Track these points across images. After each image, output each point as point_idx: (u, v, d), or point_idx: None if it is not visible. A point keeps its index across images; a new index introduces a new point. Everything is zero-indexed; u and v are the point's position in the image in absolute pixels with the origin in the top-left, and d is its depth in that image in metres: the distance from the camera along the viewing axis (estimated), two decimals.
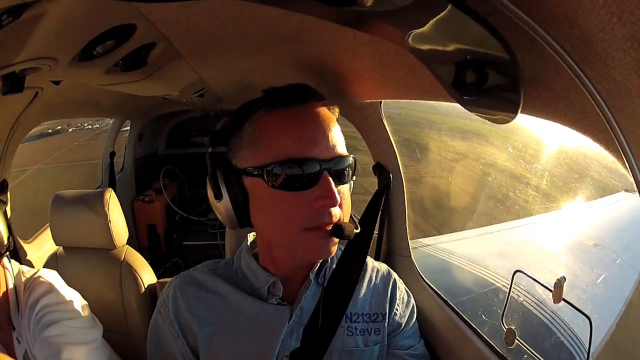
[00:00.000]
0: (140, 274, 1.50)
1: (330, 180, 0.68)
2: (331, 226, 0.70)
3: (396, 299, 0.92)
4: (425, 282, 1.22)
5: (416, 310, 0.96)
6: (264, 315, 0.82)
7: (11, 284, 1.05)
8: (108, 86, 1.20)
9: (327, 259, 0.89)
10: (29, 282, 1.07)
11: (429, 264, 1.84)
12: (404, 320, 0.92)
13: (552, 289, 0.82)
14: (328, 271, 0.90)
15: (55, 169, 8.09)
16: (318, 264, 0.87)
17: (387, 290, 0.93)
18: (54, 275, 1.13)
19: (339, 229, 0.69)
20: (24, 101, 1.29)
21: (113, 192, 1.50)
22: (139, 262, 1.53)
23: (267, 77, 1.46)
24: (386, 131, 1.26)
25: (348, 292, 0.89)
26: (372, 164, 1.33)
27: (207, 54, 1.12)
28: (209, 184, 0.77)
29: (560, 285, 0.80)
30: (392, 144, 1.27)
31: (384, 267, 0.99)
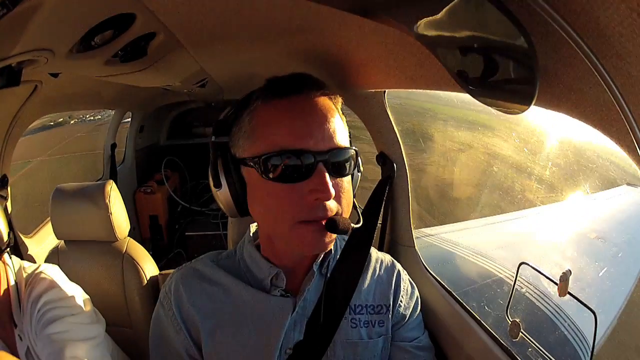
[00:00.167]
0: (142, 266, 1.50)
1: (325, 173, 0.66)
2: (326, 220, 0.68)
3: (400, 290, 0.92)
4: (429, 273, 1.22)
5: (420, 302, 0.96)
6: (266, 308, 0.81)
7: (12, 280, 1.04)
8: (108, 78, 1.19)
9: (329, 250, 0.88)
10: (30, 278, 1.07)
11: (432, 254, 1.84)
12: (408, 312, 0.91)
13: (558, 282, 0.81)
14: (332, 262, 0.89)
15: (59, 160, 8.13)
16: (321, 255, 0.86)
17: (391, 281, 0.92)
18: (55, 270, 1.13)
19: (333, 224, 0.67)
20: (23, 95, 1.28)
21: (114, 184, 1.49)
22: (140, 254, 1.53)
23: (270, 67, 1.44)
24: (390, 121, 1.25)
25: (352, 283, 0.88)
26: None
27: (209, 44, 1.10)
28: (210, 173, 0.76)
29: (566, 278, 0.80)
30: (396, 134, 1.26)
31: (387, 257, 0.98)
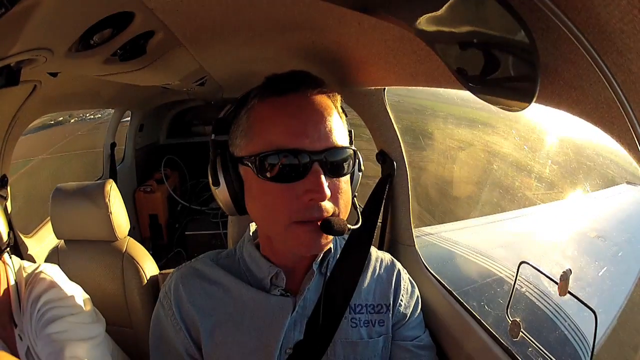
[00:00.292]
0: (142, 265, 1.50)
1: (320, 173, 0.66)
2: (321, 221, 0.67)
3: (400, 289, 0.91)
4: (429, 272, 1.21)
5: (420, 301, 0.96)
6: (266, 307, 0.81)
7: (12, 280, 1.04)
8: (107, 76, 1.19)
9: (329, 249, 0.88)
10: (30, 278, 1.06)
11: (432, 253, 1.84)
12: (408, 311, 0.91)
13: (558, 281, 0.81)
14: (331, 261, 0.89)
15: (60, 158, 8.15)
16: (321, 254, 0.85)
17: (391, 280, 0.91)
18: (55, 270, 1.12)
19: (328, 225, 0.67)
20: (22, 95, 1.27)
21: (114, 184, 1.49)
22: (140, 254, 1.52)
23: (269, 65, 1.44)
24: (390, 119, 1.24)
25: (351, 282, 0.88)
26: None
27: (208, 42, 1.10)
28: (209, 171, 0.76)
29: (566, 277, 0.80)
30: (395, 132, 1.26)
31: (387, 256, 0.97)
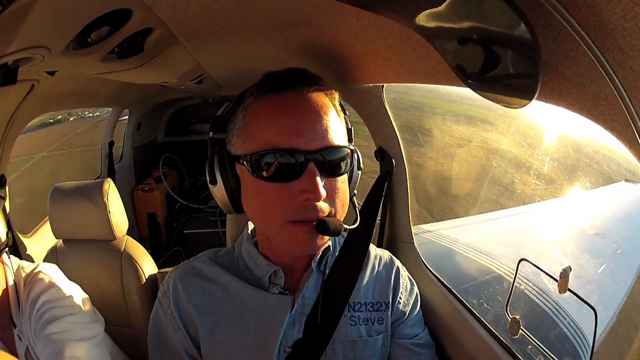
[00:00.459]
0: (141, 264, 1.49)
1: (315, 173, 0.65)
2: (316, 221, 0.67)
3: (399, 287, 0.91)
4: (428, 270, 1.21)
5: (419, 298, 0.96)
6: (265, 306, 0.81)
7: (11, 280, 1.03)
8: (104, 75, 1.18)
9: (328, 247, 0.87)
10: (29, 278, 1.06)
11: (431, 251, 1.84)
12: (407, 309, 0.91)
13: (558, 278, 0.81)
14: (330, 259, 0.88)
15: (60, 155, 8.16)
16: (320, 252, 0.85)
17: (390, 278, 0.91)
18: (54, 270, 1.12)
19: (323, 225, 0.66)
20: (19, 94, 1.27)
21: (112, 183, 1.48)
22: (139, 253, 1.52)
23: (268, 63, 1.43)
24: (388, 116, 1.24)
25: (350, 280, 0.88)
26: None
27: (206, 39, 1.09)
28: (207, 169, 0.76)
29: (566, 275, 0.80)
30: (394, 129, 1.26)
31: (386, 254, 0.97)
